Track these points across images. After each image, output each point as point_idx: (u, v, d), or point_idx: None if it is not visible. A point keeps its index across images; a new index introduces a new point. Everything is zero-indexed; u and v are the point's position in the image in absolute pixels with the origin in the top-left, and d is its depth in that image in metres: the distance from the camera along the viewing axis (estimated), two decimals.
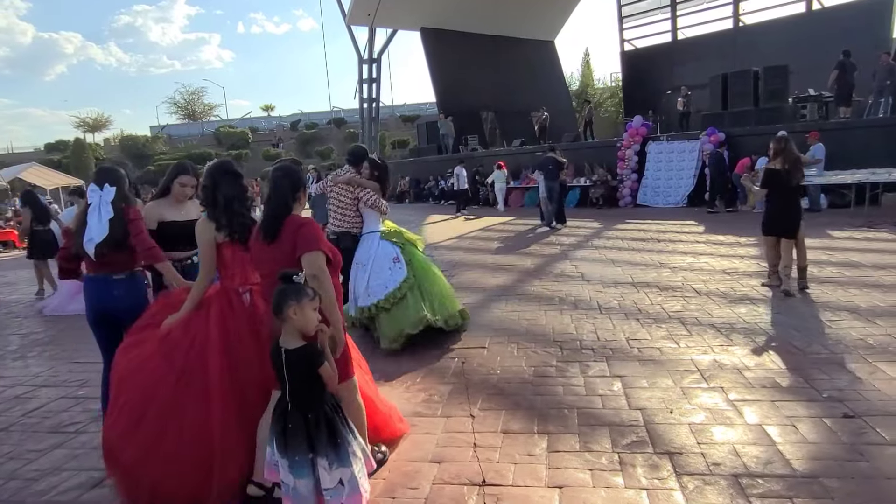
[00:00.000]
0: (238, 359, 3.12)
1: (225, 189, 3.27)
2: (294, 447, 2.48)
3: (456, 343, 5.39)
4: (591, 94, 42.07)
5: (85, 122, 58.16)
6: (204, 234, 3.25)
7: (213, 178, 3.32)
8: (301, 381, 2.52)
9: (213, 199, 3.27)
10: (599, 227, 13.26)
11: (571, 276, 8.00)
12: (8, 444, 3.92)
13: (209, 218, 3.26)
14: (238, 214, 3.27)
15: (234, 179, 3.36)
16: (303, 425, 2.49)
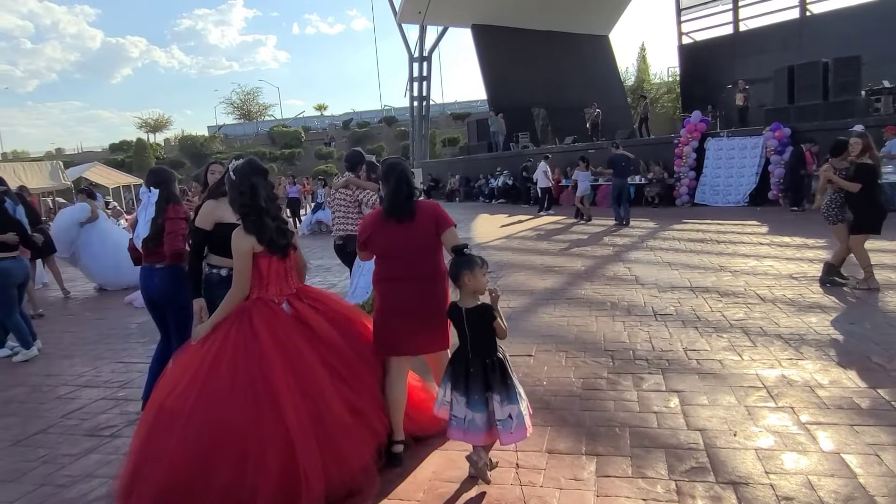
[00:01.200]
0: (298, 366, 2.94)
1: (265, 193, 3.12)
2: (474, 387, 2.94)
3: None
4: (646, 89, 40.93)
5: (147, 122, 60.32)
6: (243, 244, 3.08)
7: (249, 181, 3.12)
8: (479, 333, 2.99)
9: (254, 206, 3.09)
10: (655, 227, 12.75)
11: (625, 280, 7.63)
12: (45, 446, 3.89)
13: (248, 230, 3.08)
14: (284, 235, 3.14)
15: (266, 180, 3.19)
16: (481, 369, 2.95)
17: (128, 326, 7.05)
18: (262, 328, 2.98)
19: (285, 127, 54.33)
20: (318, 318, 3.16)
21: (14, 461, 3.69)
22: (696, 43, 28.90)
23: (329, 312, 3.25)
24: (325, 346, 3.07)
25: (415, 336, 3.27)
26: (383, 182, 3.44)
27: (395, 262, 3.28)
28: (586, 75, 29.92)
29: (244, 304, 3.13)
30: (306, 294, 3.29)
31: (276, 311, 3.09)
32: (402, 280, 3.26)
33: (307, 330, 3.08)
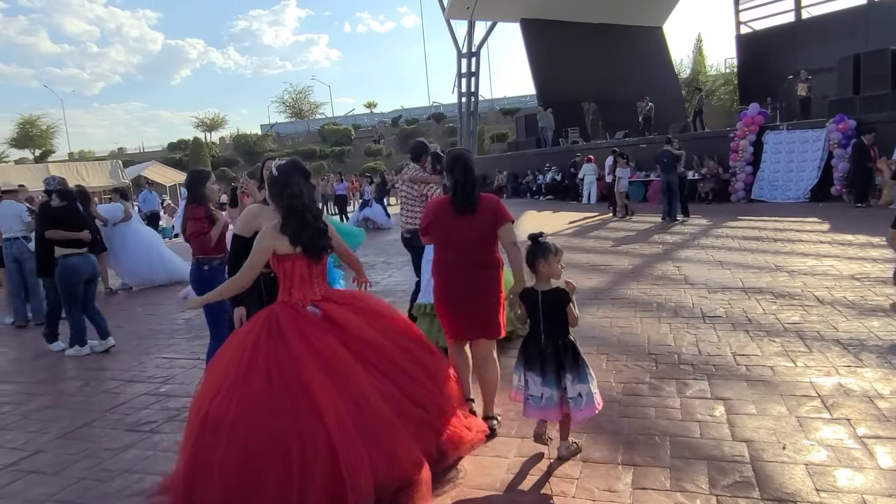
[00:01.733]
0: (333, 365, 2.86)
1: (307, 195, 3.07)
2: (548, 366, 3.15)
3: None
4: (702, 81, 39.70)
5: (203, 122, 62.13)
6: (266, 242, 3.04)
7: (292, 179, 3.07)
8: (553, 316, 3.19)
9: (296, 204, 3.03)
10: (708, 224, 12.32)
11: (673, 279, 7.37)
12: (88, 440, 3.98)
13: (284, 230, 3.02)
14: (322, 236, 3.09)
15: (307, 182, 3.14)
16: (555, 350, 3.17)
17: (175, 322, 7.23)
18: (292, 331, 2.91)
19: (335, 125, 55.11)
20: (348, 315, 3.07)
21: (58, 454, 3.79)
22: (755, 32, 27.84)
23: (362, 310, 3.17)
24: (360, 342, 2.98)
25: (469, 323, 3.48)
26: (448, 173, 3.55)
27: (453, 251, 3.45)
28: (639, 68, 29.17)
29: (270, 309, 3.09)
30: (334, 297, 3.23)
31: (303, 314, 3.02)
32: (458, 268, 3.44)
33: (338, 329, 3.00)
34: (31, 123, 54.67)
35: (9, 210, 7.11)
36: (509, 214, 3.46)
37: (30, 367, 5.86)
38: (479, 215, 3.40)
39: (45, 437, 4.08)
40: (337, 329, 3.01)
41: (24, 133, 54.39)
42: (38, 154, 53.06)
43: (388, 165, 38.88)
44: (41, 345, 6.34)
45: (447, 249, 3.50)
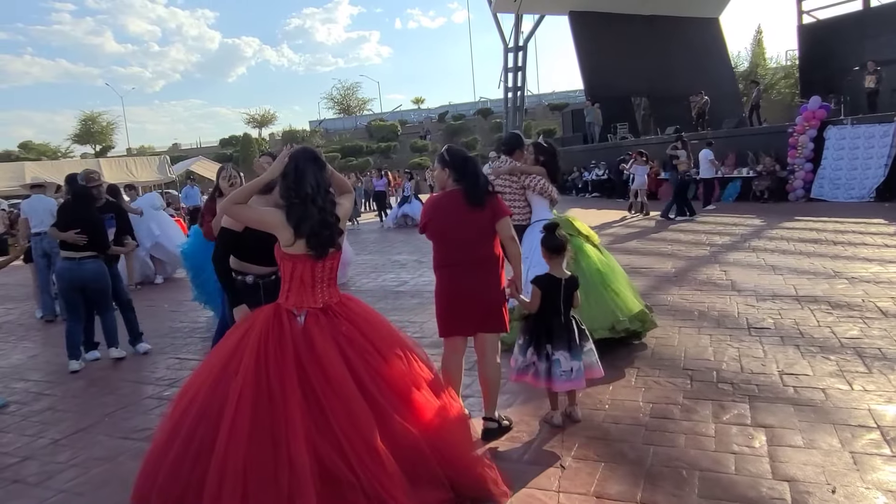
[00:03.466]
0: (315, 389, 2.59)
1: (314, 181, 2.77)
2: (573, 342, 3.48)
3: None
4: (760, 75, 38.03)
5: (254, 118, 63.21)
6: (269, 216, 2.81)
7: (297, 166, 2.77)
8: (569, 299, 3.57)
9: (299, 192, 2.74)
10: (761, 225, 11.57)
11: (718, 285, 6.83)
12: (80, 446, 3.82)
13: (289, 218, 2.74)
14: (328, 226, 2.78)
15: (321, 171, 2.82)
16: (572, 327, 3.53)
17: (197, 321, 7.11)
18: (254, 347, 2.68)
19: (382, 121, 55.22)
20: (328, 345, 2.69)
21: (45, 462, 3.64)
22: (818, 22, 26.35)
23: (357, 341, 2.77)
24: (320, 376, 2.63)
25: (476, 317, 3.45)
26: (460, 170, 3.49)
27: (456, 248, 3.44)
28: (692, 61, 28.00)
29: (256, 313, 2.89)
30: (343, 311, 2.85)
31: (282, 327, 2.72)
32: (464, 264, 3.41)
33: (309, 353, 2.66)
34: (93, 120, 56.81)
35: (39, 204, 7.12)
36: (508, 209, 3.54)
37: (47, 364, 5.79)
38: (484, 210, 3.42)
39: (39, 441, 3.94)
40: (307, 352, 2.67)
41: (86, 129, 56.56)
42: (98, 149, 55.09)
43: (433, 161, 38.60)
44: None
45: (449, 246, 3.48)
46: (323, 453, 2.49)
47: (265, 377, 2.62)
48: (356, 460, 2.47)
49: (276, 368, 2.63)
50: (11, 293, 9.77)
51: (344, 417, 2.55)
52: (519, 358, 3.58)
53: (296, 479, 2.42)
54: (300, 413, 2.54)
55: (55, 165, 21.14)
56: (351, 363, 2.68)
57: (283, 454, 2.47)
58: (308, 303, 2.80)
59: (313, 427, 2.54)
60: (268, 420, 2.54)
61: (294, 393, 2.58)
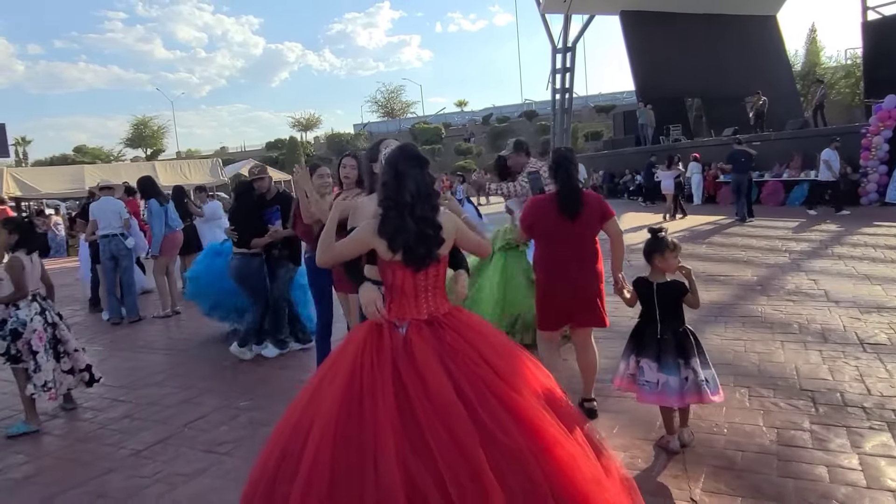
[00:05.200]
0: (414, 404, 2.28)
1: (414, 188, 2.48)
2: (666, 353, 3.26)
3: None
4: (819, 73, 36.63)
5: (299, 122, 64.04)
6: (362, 235, 2.56)
7: (395, 170, 2.51)
8: (668, 306, 3.34)
9: (397, 201, 2.48)
10: (838, 231, 10.96)
11: (811, 295, 6.38)
12: (161, 459, 3.67)
13: (381, 231, 2.49)
14: (425, 241, 2.50)
15: (421, 171, 2.53)
16: (673, 337, 3.29)
17: None
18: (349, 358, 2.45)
19: (426, 123, 55.23)
20: (431, 358, 2.39)
21: (129, 475, 3.49)
22: (883, 18, 25.16)
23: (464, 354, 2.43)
24: (420, 390, 2.33)
25: (579, 312, 3.71)
26: (552, 175, 3.82)
27: (563, 246, 3.66)
28: (748, 61, 27.06)
29: (358, 326, 2.66)
30: (450, 323, 2.53)
31: (381, 338, 2.46)
32: (570, 262, 3.66)
33: (409, 366, 2.37)
34: (144, 124, 58.42)
35: (108, 206, 7.11)
36: (612, 210, 3.78)
37: (115, 369, 5.70)
38: (586, 212, 3.66)
39: (121, 452, 3.80)
40: (408, 369, 2.37)
41: (137, 133, 58.18)
42: (149, 153, 56.57)
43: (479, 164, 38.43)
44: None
45: (556, 244, 3.69)
46: (415, 474, 2.17)
47: (357, 390, 2.35)
48: (454, 486, 2.13)
49: (370, 381, 2.36)
50: (75, 294, 9.84)
51: (444, 436, 2.22)
52: (622, 364, 3.49)
53: (383, 502, 2.17)
54: (392, 428, 2.24)
55: (112, 169, 21.64)
56: (454, 377, 2.34)
57: (370, 472, 2.19)
58: (411, 314, 2.51)
59: (407, 444, 2.23)
60: (356, 435, 2.28)
61: (388, 407, 2.29)
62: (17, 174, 19.23)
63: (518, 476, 2.16)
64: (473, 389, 2.33)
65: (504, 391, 2.35)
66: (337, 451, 2.23)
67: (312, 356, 5.15)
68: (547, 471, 2.17)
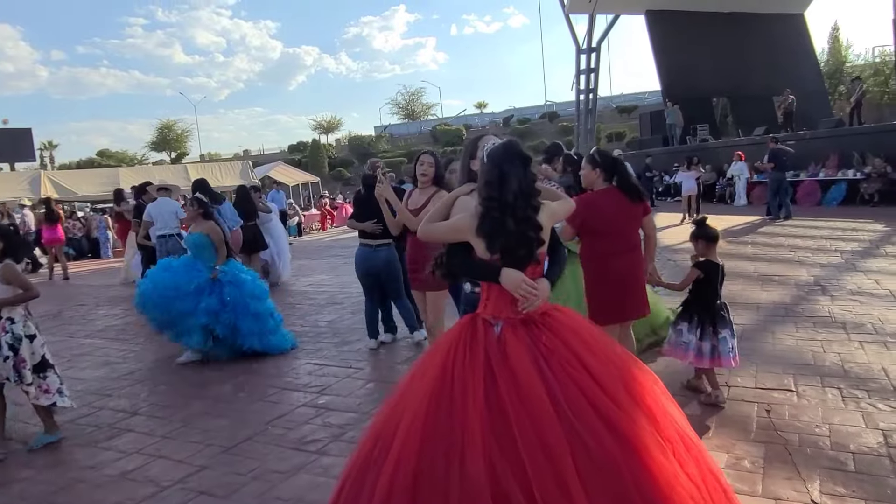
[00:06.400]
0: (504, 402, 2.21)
1: (516, 187, 2.41)
2: (703, 322, 3.91)
3: (743, 377, 4.25)
4: (847, 72, 36.12)
5: (321, 124, 64.38)
6: (462, 223, 2.53)
7: (500, 169, 2.43)
8: (721, 283, 4.02)
9: (500, 200, 2.41)
10: (886, 230, 10.77)
11: (876, 295, 6.27)
12: (254, 456, 3.68)
13: (479, 230, 2.44)
14: (526, 242, 2.44)
15: (525, 169, 2.46)
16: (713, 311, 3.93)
17: (317, 325, 7.00)
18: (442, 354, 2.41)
19: (447, 125, 55.27)
20: (524, 357, 2.33)
21: (225, 472, 3.51)
22: None
23: (559, 354, 2.35)
24: (512, 389, 2.26)
25: (634, 302, 3.90)
26: (610, 171, 3.93)
27: (620, 238, 3.85)
28: (776, 59, 26.75)
29: (462, 325, 2.51)
30: (547, 322, 2.45)
31: (475, 335, 2.41)
32: (625, 253, 3.86)
33: (502, 365, 2.31)
34: (168, 128, 59.10)
35: (165, 207, 7.19)
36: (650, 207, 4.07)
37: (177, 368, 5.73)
38: (638, 204, 3.91)
39: (210, 449, 3.82)
40: (501, 360, 2.32)
41: (162, 137, 58.87)
42: (173, 156, 57.19)
43: None
44: None
45: (612, 238, 3.82)
46: (501, 474, 2.11)
47: (449, 384, 2.30)
48: (540, 491, 2.06)
49: (461, 376, 2.30)
50: (122, 293, 9.95)
51: (533, 439, 2.15)
52: (678, 340, 4.02)
53: (469, 499, 2.08)
54: (481, 428, 2.18)
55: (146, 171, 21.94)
56: (547, 379, 2.26)
57: (455, 471, 2.13)
58: (507, 312, 2.45)
59: (495, 444, 2.17)
60: (444, 429, 2.22)
61: (477, 403, 2.22)
62: (53, 177, 19.56)
63: (608, 487, 2.06)
64: (566, 394, 2.24)
65: (599, 397, 2.23)
66: (424, 444, 2.19)
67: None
68: (640, 485, 2.06)
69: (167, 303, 5.48)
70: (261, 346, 5.67)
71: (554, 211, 2.61)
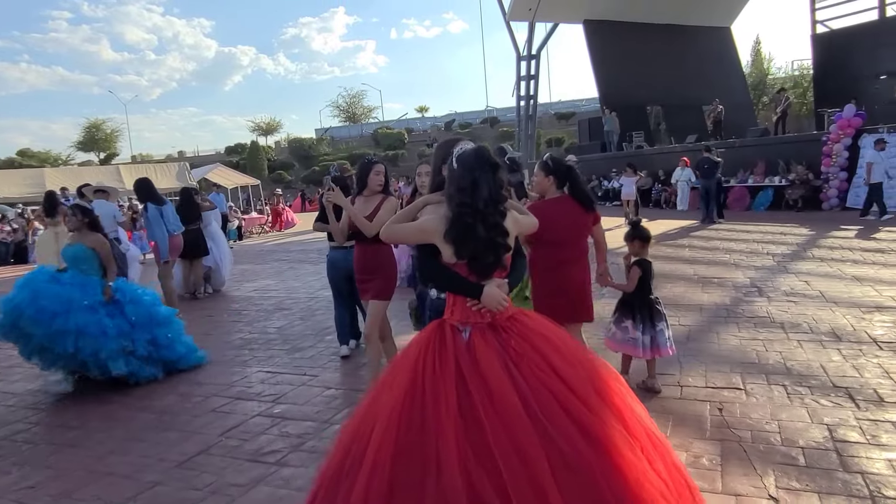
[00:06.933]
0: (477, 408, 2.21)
1: (486, 194, 2.44)
2: (643, 319, 4.19)
3: (694, 377, 4.40)
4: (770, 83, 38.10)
5: (259, 126, 62.93)
6: (430, 225, 2.52)
7: (472, 175, 2.45)
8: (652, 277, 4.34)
9: (471, 207, 2.42)
10: (811, 234, 11.40)
11: (808, 296, 6.61)
12: (210, 471, 3.54)
13: (448, 236, 2.44)
14: (494, 249, 2.47)
15: (495, 176, 2.48)
16: (650, 305, 4.24)
17: (266, 331, 6.82)
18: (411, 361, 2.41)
19: (389, 129, 55.01)
20: (494, 361, 2.32)
21: (179, 487, 3.36)
22: (832, 32, 26.36)
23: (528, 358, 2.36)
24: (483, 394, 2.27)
25: (578, 309, 3.97)
26: (563, 179, 3.97)
27: (568, 247, 3.90)
28: (706, 71, 28.00)
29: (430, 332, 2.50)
30: (514, 326, 2.45)
31: (443, 342, 2.42)
32: (573, 262, 3.93)
33: (472, 370, 2.31)
34: (97, 127, 56.36)
35: (102, 210, 6.82)
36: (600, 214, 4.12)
37: None
38: (589, 211, 3.95)
39: (161, 464, 3.65)
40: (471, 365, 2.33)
41: (90, 136, 56.11)
42: (102, 157, 54.60)
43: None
44: None
45: (560, 246, 3.86)
46: (477, 482, 2.11)
47: (420, 393, 2.30)
48: (515, 494, 2.07)
49: (433, 384, 2.30)
50: None
51: (507, 444, 2.16)
52: (618, 333, 4.28)
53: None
54: (455, 435, 2.19)
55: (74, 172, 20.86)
56: (518, 384, 2.27)
57: (432, 481, 2.13)
58: (474, 317, 2.45)
59: (470, 451, 2.17)
60: (417, 439, 2.21)
61: (450, 411, 2.23)
62: None
63: (582, 489, 2.09)
64: (538, 398, 2.25)
65: (570, 400, 2.26)
66: (399, 453, 2.18)
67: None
68: (612, 484, 2.09)
69: (50, 319, 4.72)
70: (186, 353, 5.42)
71: (517, 218, 2.63)
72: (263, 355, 5.87)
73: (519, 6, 27.80)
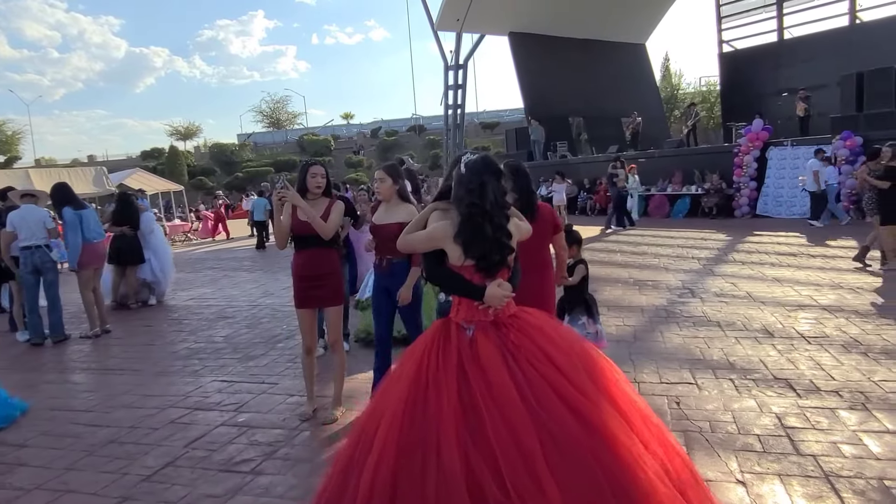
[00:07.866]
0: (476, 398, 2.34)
1: (493, 197, 2.60)
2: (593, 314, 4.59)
3: (648, 374, 4.64)
4: (680, 98, 40.29)
5: (177, 130, 60.49)
6: (439, 232, 2.65)
7: (480, 179, 2.59)
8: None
9: (480, 208, 2.58)
10: (729, 239, 12.17)
11: (737, 296, 7.09)
12: (180, 483, 3.43)
13: (458, 236, 2.58)
14: (500, 249, 2.62)
15: (498, 182, 2.65)
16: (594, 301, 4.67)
17: (213, 340, 6.62)
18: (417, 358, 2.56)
19: (315, 135, 54.13)
20: (494, 354, 2.47)
21: (152, 501, 3.24)
22: (737, 51, 28.24)
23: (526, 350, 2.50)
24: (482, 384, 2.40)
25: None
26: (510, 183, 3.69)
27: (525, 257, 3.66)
28: (623, 85, 29.33)
29: (435, 330, 2.65)
30: (514, 322, 2.60)
31: (448, 339, 2.55)
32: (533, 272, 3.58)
33: (474, 363, 2.45)
34: None
35: (31, 215, 6.41)
36: (562, 224, 4.08)
37: (71, 391, 5.20)
38: (539, 223, 3.61)
39: (127, 479, 3.50)
40: (473, 360, 2.47)
41: None
42: (3, 160, 50.79)
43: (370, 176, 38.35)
44: None
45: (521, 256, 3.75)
46: (475, 466, 2.25)
47: (423, 384, 2.45)
48: (511, 478, 2.20)
49: (435, 377, 2.45)
50: None
51: (504, 431, 2.30)
52: (586, 332, 4.43)
53: (445, 490, 2.21)
54: (455, 423, 2.33)
55: None
56: (515, 375, 2.42)
57: (432, 465, 2.26)
58: (478, 316, 2.60)
59: (469, 438, 2.31)
60: (420, 431, 2.35)
61: (451, 401, 2.38)
62: None
63: (577, 472, 2.21)
64: (534, 387, 2.39)
65: (565, 387, 2.40)
66: (403, 442, 2.32)
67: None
68: (606, 467, 2.21)
69: None
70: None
71: (517, 224, 2.81)
72: (214, 364, 5.70)
73: (447, 16, 28.13)
